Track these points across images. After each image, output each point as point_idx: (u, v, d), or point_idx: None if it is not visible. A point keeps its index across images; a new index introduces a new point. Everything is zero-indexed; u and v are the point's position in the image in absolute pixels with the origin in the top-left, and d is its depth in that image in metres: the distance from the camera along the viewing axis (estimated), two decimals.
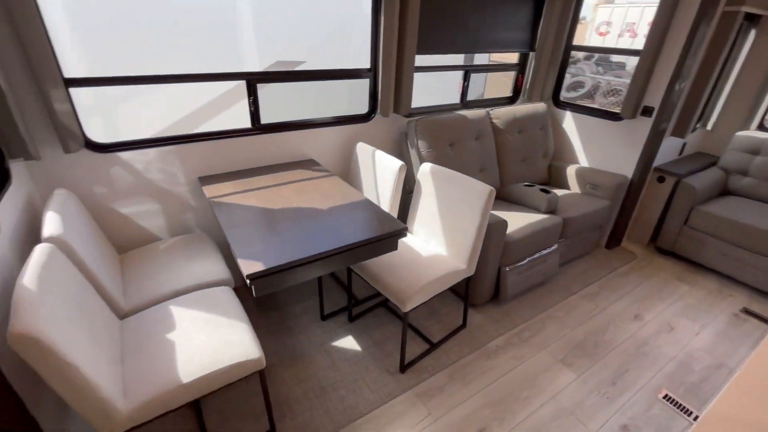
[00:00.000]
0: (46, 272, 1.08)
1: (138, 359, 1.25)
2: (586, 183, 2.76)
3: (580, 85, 7.97)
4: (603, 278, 2.60)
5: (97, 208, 1.77)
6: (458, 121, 2.44)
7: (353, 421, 1.60)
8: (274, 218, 1.58)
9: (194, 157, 1.93)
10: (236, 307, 1.50)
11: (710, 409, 0.80)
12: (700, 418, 0.79)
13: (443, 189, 1.91)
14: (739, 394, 0.83)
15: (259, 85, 1.99)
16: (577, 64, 8.34)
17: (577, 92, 7.92)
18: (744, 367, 0.93)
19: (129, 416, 1.11)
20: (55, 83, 1.44)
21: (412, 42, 2.16)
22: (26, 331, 0.87)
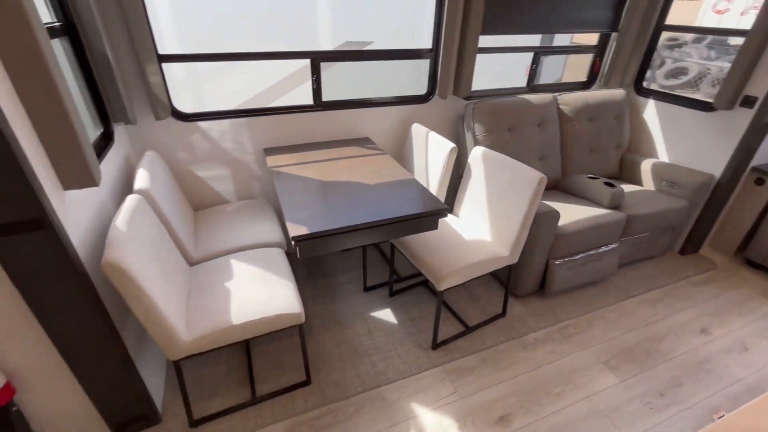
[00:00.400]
0: (134, 218, 1.30)
1: (200, 300, 1.46)
2: (662, 180, 2.50)
3: (682, 71, 7.04)
4: (670, 285, 2.38)
5: (179, 169, 2.03)
6: (520, 106, 2.35)
7: (381, 386, 1.70)
8: (325, 189, 1.70)
9: (262, 130, 2.11)
10: (285, 267, 1.66)
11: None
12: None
13: (493, 174, 1.88)
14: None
15: (325, 64, 2.10)
16: (682, 48, 7.33)
17: (679, 80, 7.01)
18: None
19: (189, 345, 1.31)
20: (150, 59, 1.67)
21: (477, 22, 2.10)
22: (115, 261, 1.07)
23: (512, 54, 2.60)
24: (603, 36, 2.71)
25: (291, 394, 1.65)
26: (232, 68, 4.33)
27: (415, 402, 1.64)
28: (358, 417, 1.57)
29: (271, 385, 1.68)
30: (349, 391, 1.67)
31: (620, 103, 2.65)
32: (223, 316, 1.38)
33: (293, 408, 1.59)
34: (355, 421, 1.55)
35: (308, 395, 1.65)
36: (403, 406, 1.62)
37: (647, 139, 2.76)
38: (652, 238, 2.43)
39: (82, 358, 1.25)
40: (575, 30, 2.56)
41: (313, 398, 1.63)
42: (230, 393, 1.64)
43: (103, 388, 1.34)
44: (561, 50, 3.34)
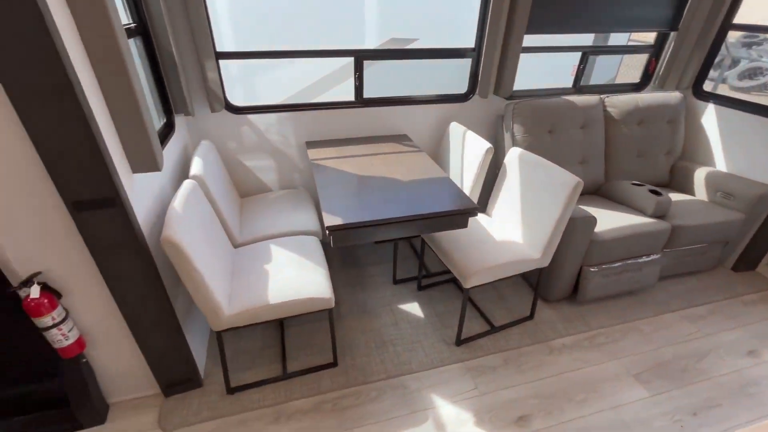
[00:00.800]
0: (189, 201, 1.44)
1: (242, 279, 1.59)
2: (717, 190, 2.35)
3: (758, 71, 6.43)
4: (717, 302, 2.24)
5: (229, 158, 2.20)
6: (562, 107, 2.29)
7: (403, 375, 1.77)
8: (361, 183, 1.78)
9: (305, 124, 2.22)
10: (320, 255, 1.76)
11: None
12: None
13: (529, 175, 1.87)
14: None
15: (366, 62, 2.17)
16: (762, 46, 6.67)
17: (754, 81, 6.41)
18: None
19: (231, 318, 1.44)
20: (209, 56, 1.82)
21: (522, 21, 2.08)
22: (172, 238, 1.21)
23: (559, 53, 2.53)
24: (661, 35, 2.57)
25: (318, 373, 1.76)
26: (280, 63, 4.52)
27: (435, 394, 1.69)
28: (379, 401, 1.65)
29: (300, 363, 1.80)
30: (373, 376, 1.75)
31: (675, 106, 2.50)
32: (261, 296, 1.50)
33: (319, 387, 1.70)
34: (377, 405, 1.63)
35: (334, 376, 1.75)
36: (423, 396, 1.68)
37: (703, 146, 2.60)
38: (700, 251, 2.30)
39: (140, 322, 1.42)
40: (629, 29, 2.45)
41: (338, 379, 1.73)
42: (263, 367, 1.78)
43: (157, 350, 1.51)
44: (612, 50, 3.18)
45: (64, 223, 1.17)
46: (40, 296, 1.21)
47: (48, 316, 1.23)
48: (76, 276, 1.27)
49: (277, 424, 1.55)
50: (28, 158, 1.05)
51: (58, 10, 0.97)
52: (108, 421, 1.56)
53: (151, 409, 1.60)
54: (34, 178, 1.08)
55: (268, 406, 1.62)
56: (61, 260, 1.23)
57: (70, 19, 1.03)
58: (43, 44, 0.91)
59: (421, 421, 1.58)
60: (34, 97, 0.97)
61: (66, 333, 1.30)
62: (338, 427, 1.55)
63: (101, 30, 1.06)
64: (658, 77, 2.62)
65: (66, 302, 1.31)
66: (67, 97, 0.98)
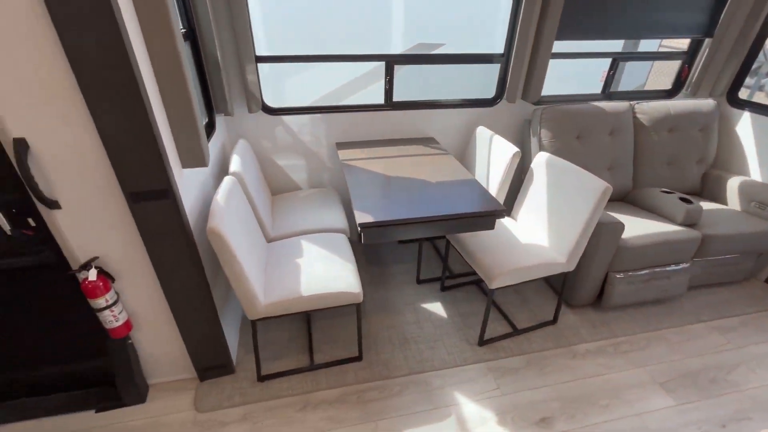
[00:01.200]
0: (229, 195, 1.53)
1: (275, 272, 1.67)
2: (751, 200, 2.30)
3: None
4: (749, 314, 2.19)
5: (263, 157, 2.29)
6: (591, 113, 2.29)
7: (426, 372, 1.80)
8: (390, 183, 1.83)
9: (336, 126, 2.30)
10: (348, 251, 1.83)
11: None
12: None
13: (555, 180, 1.89)
14: None
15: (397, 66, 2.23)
16: None
17: None
18: None
19: (266, 308, 1.52)
20: (250, 59, 1.92)
21: (552, 28, 2.10)
22: (218, 228, 1.29)
23: (588, 59, 2.53)
24: (694, 41, 2.53)
25: (343, 366, 1.82)
26: (305, 68, 4.65)
27: (458, 391, 1.72)
28: (402, 396, 1.69)
29: (326, 356, 1.86)
30: (396, 371, 1.80)
31: (708, 114, 2.46)
32: (294, 288, 1.57)
33: (344, 379, 1.76)
34: (400, 399, 1.68)
35: (359, 370, 1.80)
36: (445, 393, 1.71)
37: (738, 155, 2.54)
38: (731, 262, 2.25)
39: (182, 308, 1.51)
40: (662, 35, 2.43)
41: (362, 373, 1.79)
42: (291, 358, 1.85)
43: (195, 336, 1.60)
44: (644, 56, 3.14)
45: (121, 213, 1.27)
46: (97, 279, 1.31)
47: (102, 298, 1.34)
48: (128, 262, 1.37)
49: (304, 412, 1.62)
50: (95, 152, 1.15)
51: (129, 18, 1.07)
52: (148, 401, 1.66)
53: (187, 392, 1.70)
54: (98, 170, 1.18)
55: (296, 394, 1.69)
56: (116, 247, 1.33)
57: (137, 25, 1.13)
58: (116, 49, 1.01)
59: (444, 417, 1.61)
60: (105, 97, 1.06)
61: (116, 315, 1.40)
62: (362, 419, 1.60)
63: (164, 36, 1.15)
64: (691, 84, 2.58)
65: (118, 286, 1.42)
66: (134, 98, 1.08)
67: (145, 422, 1.58)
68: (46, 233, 1.27)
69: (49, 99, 1.06)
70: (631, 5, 2.24)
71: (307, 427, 1.57)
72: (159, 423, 1.58)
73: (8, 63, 0.99)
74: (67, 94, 1.06)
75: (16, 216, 1.24)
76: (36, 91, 1.04)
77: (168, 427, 1.56)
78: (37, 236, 1.28)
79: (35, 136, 1.10)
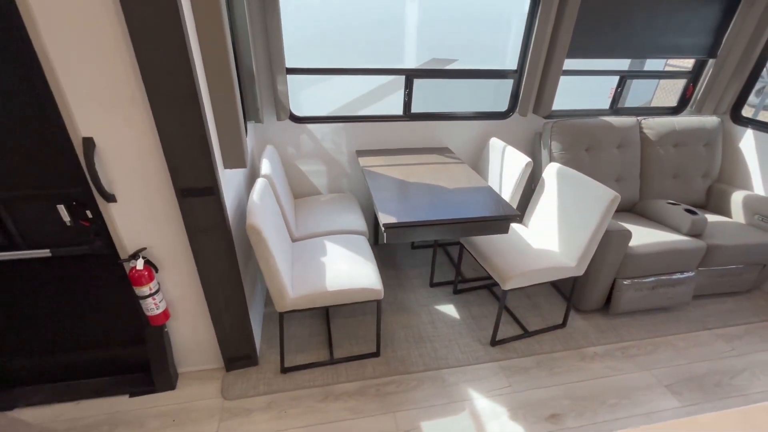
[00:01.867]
0: (262, 195, 1.65)
1: (301, 268, 1.78)
2: (755, 213, 2.38)
3: None
4: (754, 324, 2.25)
5: (287, 162, 2.43)
6: (599, 127, 2.41)
7: (440, 369, 1.89)
8: (409, 189, 1.95)
9: (356, 134, 2.43)
10: (368, 252, 1.93)
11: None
12: None
13: (566, 189, 1.99)
14: None
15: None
16: None
17: None
18: None
19: (293, 301, 1.63)
20: (281, 71, 2.06)
21: (563, 46, 2.23)
22: (256, 225, 1.41)
23: (597, 76, 2.66)
24: (699, 62, 2.66)
25: (362, 361, 1.91)
26: (322, 80, 4.84)
27: (472, 388, 1.80)
28: (418, 390, 1.78)
29: (345, 351, 1.95)
30: (412, 367, 1.88)
31: (712, 130, 2.57)
32: (319, 283, 1.68)
33: (363, 373, 1.85)
34: (417, 393, 1.76)
35: (376, 365, 1.89)
36: (460, 389, 1.79)
37: (742, 170, 2.64)
38: (736, 272, 2.33)
39: (216, 300, 1.62)
40: (668, 55, 2.55)
41: (380, 368, 1.87)
42: (312, 352, 1.95)
43: (225, 327, 1.71)
44: (650, 75, 3.27)
45: (170, 207, 1.39)
46: (143, 268, 1.43)
47: (146, 286, 1.45)
48: (171, 253, 1.49)
49: (326, 402, 1.71)
50: (153, 152, 1.28)
51: (191, 34, 1.21)
52: (177, 388, 1.76)
53: (214, 380, 1.79)
54: (154, 168, 1.31)
55: (318, 386, 1.78)
56: (163, 239, 1.45)
57: (197, 40, 1.27)
58: (182, 62, 1.14)
59: (459, 411, 1.69)
60: (167, 103, 1.20)
61: (158, 303, 1.51)
62: (381, 410, 1.68)
63: (218, 51, 1.29)
64: (695, 102, 2.70)
65: (160, 276, 1.53)
66: (192, 103, 1.21)
67: (175, 407, 1.67)
68: (101, 224, 1.40)
69: (117, 103, 1.19)
70: (639, 27, 2.38)
71: (330, 416, 1.65)
72: (189, 408, 1.67)
73: (85, 71, 1.13)
74: (134, 99, 1.19)
75: (75, 208, 1.36)
76: (107, 96, 1.18)
77: (197, 412, 1.65)
78: (92, 227, 1.40)
79: (102, 136, 1.23)
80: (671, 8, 2.35)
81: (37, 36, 1.07)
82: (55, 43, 1.08)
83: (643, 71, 3.14)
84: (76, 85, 1.14)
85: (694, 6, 2.38)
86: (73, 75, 1.13)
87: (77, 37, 1.08)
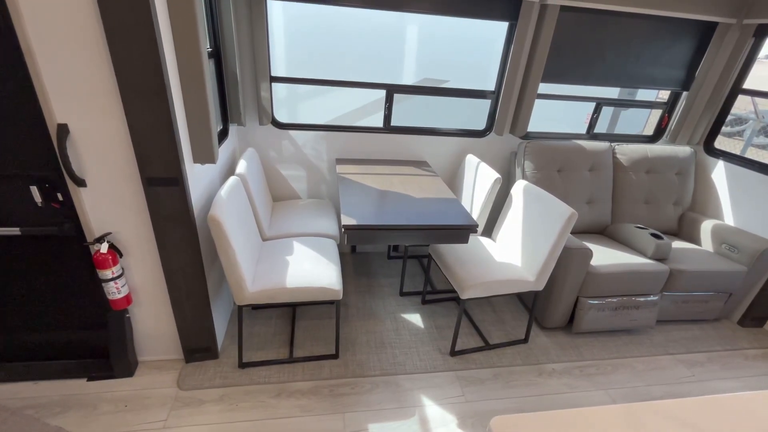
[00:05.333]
0: (232, 192, 1.72)
1: (266, 265, 1.84)
2: (722, 242, 2.42)
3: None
4: (718, 352, 2.26)
5: (268, 166, 2.51)
6: (572, 150, 2.49)
7: (397, 374, 1.91)
8: (378, 196, 2.02)
9: (337, 143, 2.53)
10: (335, 255, 1.99)
11: None
12: None
13: (530, 206, 2.05)
14: None
15: (403, 96, 2.47)
16: None
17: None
18: None
19: (252, 295, 1.68)
20: (265, 78, 2.18)
21: (538, 71, 2.33)
22: (217, 216, 1.48)
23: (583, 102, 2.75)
24: (673, 93, 2.75)
25: (320, 362, 1.93)
26: (324, 93, 5.01)
27: (425, 395, 1.82)
28: (372, 393, 1.80)
29: (305, 351, 1.98)
30: (369, 371, 1.91)
31: (684, 159, 2.64)
32: (279, 280, 1.73)
33: (320, 373, 1.87)
34: (370, 396, 1.78)
35: (334, 366, 1.92)
36: (413, 395, 1.81)
37: (713, 200, 2.69)
38: (702, 299, 2.35)
39: (178, 289, 1.68)
40: (641, 86, 2.65)
41: (337, 370, 1.90)
42: (272, 350, 1.98)
43: (186, 317, 1.75)
44: (625, 104, 3.37)
45: (136, 195, 1.47)
46: (107, 252, 1.49)
47: (110, 270, 1.51)
48: (136, 240, 1.56)
49: (278, 399, 1.73)
50: (122, 140, 1.36)
51: (165, 35, 1.31)
52: (135, 375, 1.79)
53: (172, 371, 1.82)
54: (122, 156, 1.39)
55: (273, 383, 1.81)
56: (128, 225, 1.52)
57: (171, 41, 1.37)
58: (152, 59, 1.24)
59: (408, 416, 1.71)
60: (137, 96, 1.29)
61: (119, 287, 1.57)
62: (331, 409, 1.70)
63: (191, 53, 1.39)
64: (670, 132, 2.78)
65: (124, 262, 1.60)
66: (160, 98, 1.30)
67: (130, 393, 1.70)
68: (70, 207, 1.47)
69: (91, 93, 1.28)
70: (612, 57, 2.48)
71: (280, 412, 1.67)
72: (143, 395, 1.70)
73: (63, 61, 1.23)
74: (107, 90, 1.28)
75: (47, 190, 1.44)
76: (82, 86, 1.27)
77: (151, 399, 1.68)
78: (62, 210, 1.48)
79: (75, 123, 1.32)
80: (644, 41, 2.46)
81: (21, 27, 1.17)
82: (37, 34, 1.18)
83: (617, 99, 3.24)
84: (54, 73, 1.24)
85: (667, 39, 2.49)
86: (53, 64, 1.22)
87: (58, 29, 1.18)
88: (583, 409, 0.86)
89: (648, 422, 0.85)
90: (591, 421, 0.83)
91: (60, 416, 1.58)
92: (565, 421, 0.82)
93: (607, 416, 0.84)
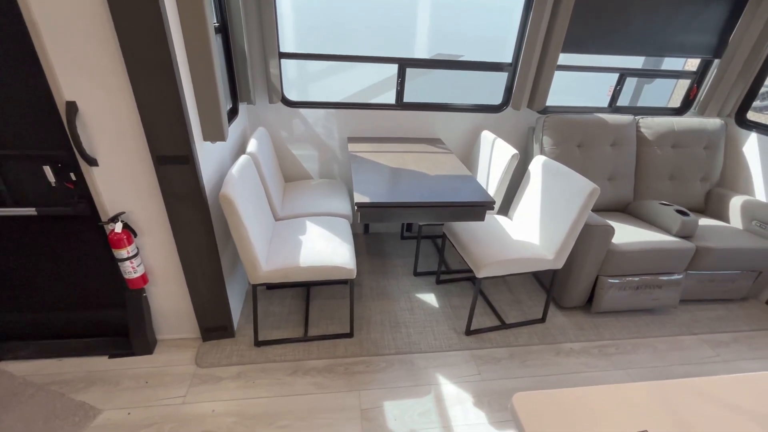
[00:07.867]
0: (243, 171, 1.70)
1: (278, 245, 1.82)
2: (752, 218, 2.31)
3: None
4: (743, 332, 2.18)
5: (279, 146, 2.48)
6: (593, 123, 2.38)
7: (412, 353, 1.90)
8: (391, 174, 1.97)
9: (348, 121, 2.47)
10: (348, 234, 1.96)
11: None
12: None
13: (549, 182, 1.98)
14: None
15: (416, 73, 2.38)
16: None
17: None
18: None
19: (266, 274, 1.67)
20: (274, 55, 2.12)
21: (558, 40, 2.21)
22: (229, 195, 1.46)
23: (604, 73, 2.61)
24: (704, 62, 2.59)
25: (335, 341, 1.94)
26: (335, 73, 4.91)
27: (440, 373, 1.81)
28: (387, 372, 1.80)
29: (320, 330, 1.99)
30: (384, 350, 1.90)
31: (714, 132, 2.50)
32: (293, 258, 1.72)
33: (334, 351, 1.88)
34: (384, 375, 1.78)
35: (349, 345, 1.92)
36: (428, 373, 1.80)
37: (744, 175, 2.55)
38: (729, 278, 2.26)
39: (193, 269, 1.68)
40: (670, 54, 2.50)
41: (352, 348, 1.90)
42: (288, 329, 1.99)
43: (202, 297, 1.76)
44: (650, 74, 3.19)
45: (148, 174, 1.46)
46: (122, 232, 1.49)
47: (125, 249, 1.52)
48: (150, 220, 1.55)
49: (294, 376, 1.74)
50: (131, 118, 1.34)
51: (171, 10, 1.26)
52: (154, 353, 1.83)
53: (190, 349, 1.85)
54: (132, 134, 1.37)
55: (288, 360, 1.82)
56: (141, 204, 1.52)
57: (177, 17, 1.32)
58: (157, 35, 1.20)
59: (424, 394, 1.71)
60: (144, 73, 1.25)
61: (135, 267, 1.58)
62: (347, 387, 1.71)
63: (197, 28, 1.34)
64: (699, 104, 2.63)
65: (139, 241, 1.60)
66: (167, 75, 1.27)
67: (150, 370, 1.74)
68: (83, 187, 1.47)
69: (98, 70, 1.26)
70: (639, 23, 2.33)
71: (296, 389, 1.69)
72: (162, 372, 1.73)
73: (69, 38, 1.20)
74: (114, 67, 1.26)
75: (60, 170, 1.44)
76: (89, 63, 1.24)
77: (170, 376, 1.72)
78: (76, 190, 1.48)
79: (84, 101, 1.30)
80: (674, 5, 2.30)
81: (25, 3, 1.14)
82: (41, 8, 1.15)
83: (642, 70, 3.06)
84: (60, 49, 1.21)
85: (699, 3, 2.32)
86: (59, 41, 1.20)
87: (62, 6, 1.15)
88: (609, 386, 0.82)
89: (676, 399, 0.80)
90: (617, 398, 0.79)
91: (83, 392, 1.63)
92: (589, 398, 0.78)
93: (636, 393, 0.81)
